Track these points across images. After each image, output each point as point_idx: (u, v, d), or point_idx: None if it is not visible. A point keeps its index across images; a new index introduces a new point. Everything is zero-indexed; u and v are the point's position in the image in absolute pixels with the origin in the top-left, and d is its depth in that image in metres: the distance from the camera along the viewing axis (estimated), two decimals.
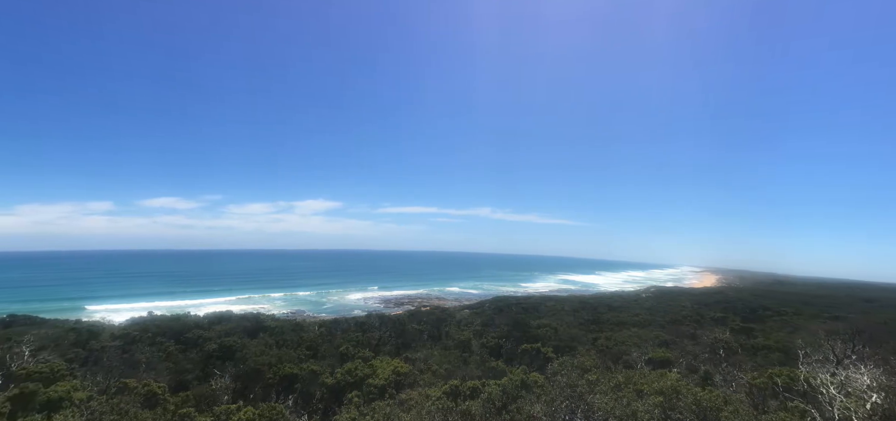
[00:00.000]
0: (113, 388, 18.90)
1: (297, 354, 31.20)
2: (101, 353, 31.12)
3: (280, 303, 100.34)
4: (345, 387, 22.27)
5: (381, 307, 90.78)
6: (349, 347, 33.57)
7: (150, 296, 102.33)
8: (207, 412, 15.78)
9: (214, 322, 46.25)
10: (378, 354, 31.99)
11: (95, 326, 42.55)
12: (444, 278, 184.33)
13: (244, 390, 22.63)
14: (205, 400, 18.68)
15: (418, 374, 25.25)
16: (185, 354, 31.77)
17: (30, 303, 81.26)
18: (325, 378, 23.16)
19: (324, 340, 38.30)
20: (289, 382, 23.31)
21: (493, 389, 18.52)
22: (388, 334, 42.66)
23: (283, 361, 27.09)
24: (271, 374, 24.08)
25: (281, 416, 15.44)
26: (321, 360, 29.79)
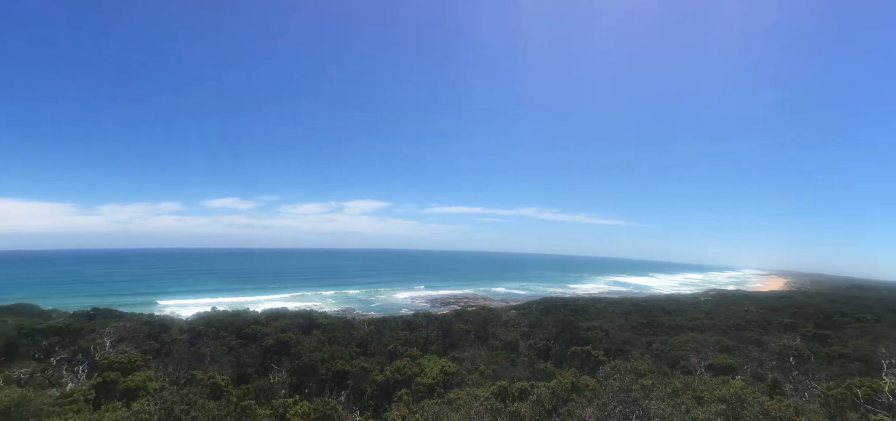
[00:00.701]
0: (182, 379, 20.28)
1: (348, 351, 32.16)
2: (172, 345, 33.44)
3: (331, 301, 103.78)
4: (394, 384, 22.70)
5: (428, 306, 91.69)
6: (397, 346, 34.17)
7: (213, 292, 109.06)
8: (266, 405, 16.56)
9: (271, 318, 48.50)
10: (425, 352, 32.33)
11: (166, 319, 45.80)
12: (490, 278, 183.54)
13: (299, 385, 23.57)
14: (264, 393, 19.64)
15: (466, 374, 25.30)
16: (245, 348, 33.54)
17: (109, 297, 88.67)
18: (375, 375, 23.69)
19: (373, 337, 39.24)
20: (341, 378, 24.04)
21: (543, 392, 18.22)
22: (435, 334, 43.04)
23: (335, 357, 28.00)
24: (324, 370, 24.93)
25: (334, 411, 15.94)
26: (371, 357, 30.51)
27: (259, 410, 15.65)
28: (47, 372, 22.58)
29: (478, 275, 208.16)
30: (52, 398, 15.58)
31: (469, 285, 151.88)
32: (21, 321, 34.72)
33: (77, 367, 24.33)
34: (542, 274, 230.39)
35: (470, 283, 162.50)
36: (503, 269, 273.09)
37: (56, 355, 26.75)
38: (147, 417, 13.10)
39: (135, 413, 13.00)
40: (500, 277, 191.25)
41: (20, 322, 34.20)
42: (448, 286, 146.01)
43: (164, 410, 14.39)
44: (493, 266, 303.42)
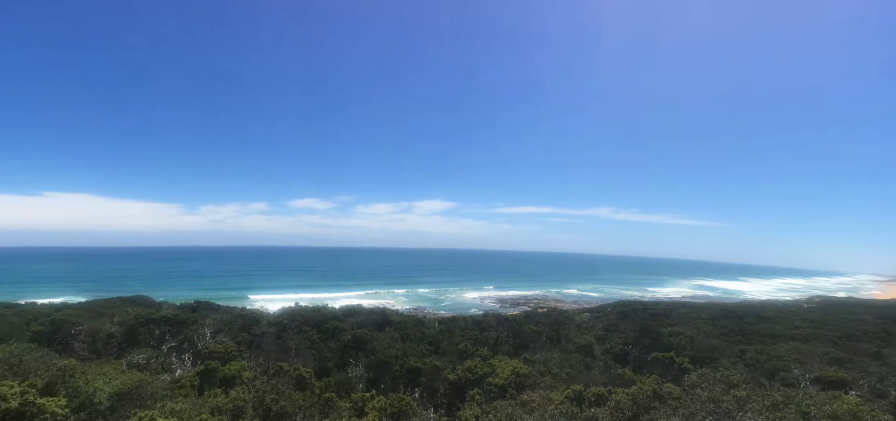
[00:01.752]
0: (271, 369, 21.88)
1: (420, 349, 32.83)
2: (261, 338, 36.22)
3: (403, 299, 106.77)
4: (466, 384, 22.84)
5: (497, 307, 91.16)
6: (468, 345, 34.34)
7: (295, 288, 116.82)
8: (346, 398, 17.40)
9: (348, 314, 50.83)
10: (496, 353, 32.17)
11: (256, 313, 49.63)
12: (561, 280, 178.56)
13: (375, 380, 24.48)
14: (343, 387, 20.65)
15: (538, 376, 24.82)
16: (326, 342, 35.43)
17: (208, 291, 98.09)
18: (447, 374, 23.99)
19: (444, 336, 39.71)
20: (414, 375, 24.62)
21: (622, 398, 17.39)
22: (506, 334, 42.64)
23: (408, 354, 28.74)
24: (398, 366, 25.69)
25: (409, 407, 16.35)
26: (442, 356, 30.91)
27: (339, 403, 16.48)
28: (160, 358, 25.44)
29: (548, 276, 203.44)
30: (164, 383, 17.54)
31: (539, 286, 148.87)
32: (139, 311, 39.42)
33: (184, 354, 27.18)
34: (617, 276, 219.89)
35: (540, 284, 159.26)
36: (575, 270, 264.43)
37: (167, 343, 30.10)
38: (242, 404, 14.31)
39: (232, 400, 14.26)
40: (571, 279, 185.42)
41: (138, 312, 38.84)
42: (517, 287, 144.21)
43: (257, 398, 15.62)
44: (563, 267, 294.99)
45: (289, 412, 14.59)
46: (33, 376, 13.80)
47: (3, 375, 14.05)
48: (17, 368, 14.76)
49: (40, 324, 32.04)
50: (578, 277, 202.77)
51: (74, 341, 29.73)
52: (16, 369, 14.63)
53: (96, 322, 33.87)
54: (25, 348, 17.90)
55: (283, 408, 14.75)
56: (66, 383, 13.97)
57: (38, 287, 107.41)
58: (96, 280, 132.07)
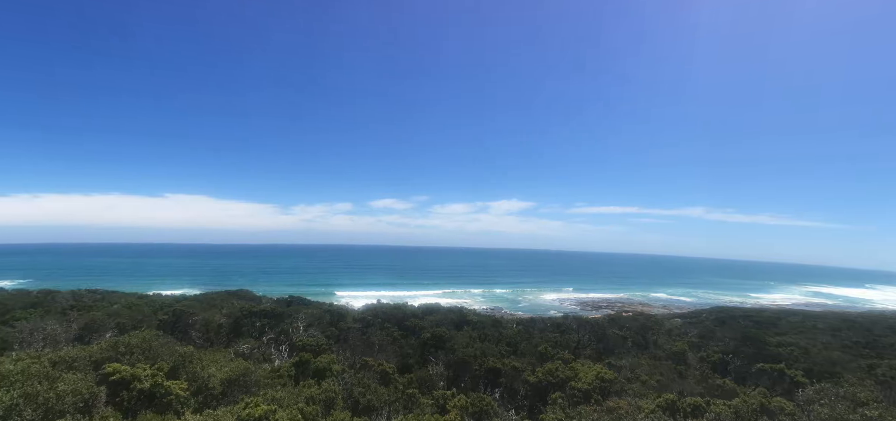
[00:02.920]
0: (357, 363, 23.01)
1: (499, 349, 32.63)
2: (347, 333, 38.24)
3: (479, 299, 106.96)
4: (547, 387, 22.27)
5: (577, 309, 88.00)
6: (548, 348, 33.51)
7: (377, 286, 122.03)
8: (428, 395, 17.77)
9: (426, 313, 51.98)
10: (577, 357, 31.05)
11: (342, 309, 52.56)
12: (647, 283, 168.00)
13: (455, 378, 24.74)
14: (425, 383, 21.11)
15: (625, 382, 23.53)
16: (406, 339, 36.53)
17: (300, 287, 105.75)
18: (527, 375, 23.59)
19: (522, 338, 39.12)
20: (493, 375, 24.53)
21: (723, 410, 15.92)
22: (588, 338, 41.02)
23: (487, 354, 28.69)
24: (477, 366, 25.74)
25: (490, 407, 16.30)
26: (521, 357, 30.47)
27: (422, 399, 16.88)
28: (261, 349, 27.86)
29: (632, 279, 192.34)
30: (265, 372, 19.13)
31: (623, 289, 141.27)
32: (243, 304, 43.56)
33: (281, 346, 29.49)
34: (711, 280, 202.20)
35: (624, 287, 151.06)
36: (663, 273, 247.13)
37: (266, 335, 32.88)
38: (333, 395, 15.19)
39: (324, 391, 15.19)
40: (659, 282, 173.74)
41: (242, 305, 42.93)
42: (599, 289, 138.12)
43: (346, 390, 16.50)
44: (650, 270, 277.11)
45: (375, 406, 15.22)
46: (161, 361, 15.78)
47: (138, 359, 16.23)
48: (148, 353, 16.97)
49: (165, 313, 36.54)
50: (667, 280, 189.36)
51: (192, 330, 33.49)
52: (147, 354, 16.83)
53: (208, 313, 37.89)
54: (154, 335, 20.52)
55: (370, 401, 15.42)
56: (186, 368, 15.79)
57: (163, 280, 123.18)
58: (208, 274, 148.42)
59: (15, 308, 36.42)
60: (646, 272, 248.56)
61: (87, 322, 29.72)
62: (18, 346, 23.58)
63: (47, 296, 45.75)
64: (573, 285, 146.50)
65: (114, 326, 29.92)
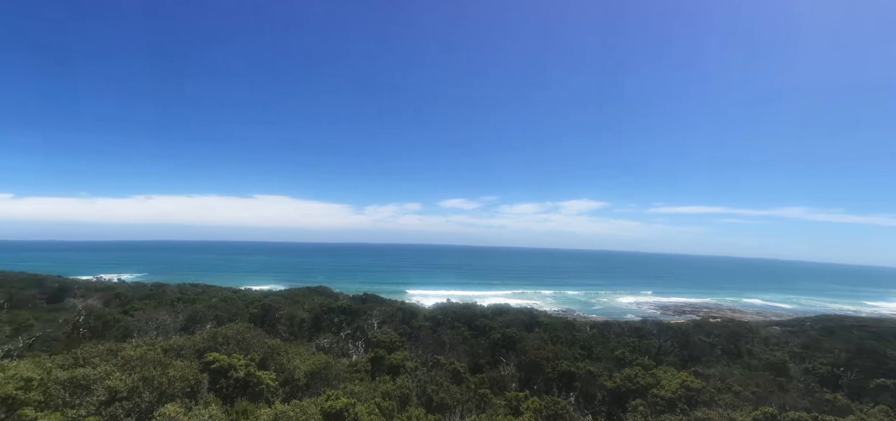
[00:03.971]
0: (429, 361, 23.38)
1: (572, 353, 31.59)
2: (419, 331, 39.04)
3: (550, 300, 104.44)
4: (626, 393, 21.17)
5: (657, 314, 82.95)
6: (625, 352, 31.89)
7: (446, 285, 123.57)
8: (500, 396, 17.61)
9: (496, 313, 51.69)
10: (659, 363, 29.21)
11: (413, 307, 53.79)
12: (737, 288, 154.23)
13: (527, 380, 24.31)
14: (497, 384, 20.98)
15: (714, 392, 21.72)
16: (477, 339, 36.55)
17: (373, 284, 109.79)
18: (603, 380, 22.61)
19: (597, 341, 37.58)
20: (567, 379, 23.78)
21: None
22: (670, 344, 38.46)
23: (560, 357, 27.87)
24: (550, 368, 25.11)
25: (565, 411, 15.81)
26: (596, 361, 29.27)
27: (494, 400, 16.76)
28: (339, 344, 29.29)
29: (719, 283, 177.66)
30: (343, 366, 20.07)
31: (709, 294, 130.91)
32: (322, 301, 46.12)
33: (357, 341, 30.81)
34: (815, 286, 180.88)
35: (709, 291, 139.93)
36: (756, 277, 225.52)
37: (344, 331, 34.51)
38: (407, 391, 15.55)
39: (399, 387, 15.60)
40: (751, 287, 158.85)
41: (322, 301, 45.47)
42: (681, 293, 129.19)
43: (419, 387, 16.81)
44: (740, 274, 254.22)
45: (448, 404, 15.35)
46: (253, 352, 17.11)
47: (233, 349, 17.74)
48: (242, 344, 18.50)
49: (255, 307, 39.67)
50: (761, 285, 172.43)
51: (278, 324, 36.02)
52: (241, 345, 18.36)
53: (292, 308, 40.55)
54: (246, 327, 22.33)
55: (443, 400, 15.58)
56: (275, 360, 16.98)
57: (252, 276, 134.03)
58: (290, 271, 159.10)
59: (134, 299, 41.46)
60: (735, 276, 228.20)
61: (190, 313, 33.05)
62: (137, 333, 26.79)
63: (159, 289, 51.63)
64: (652, 288, 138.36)
65: (212, 317, 32.98)
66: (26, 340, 22.68)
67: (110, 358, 13.60)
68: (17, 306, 35.94)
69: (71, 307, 35.44)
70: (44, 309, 35.15)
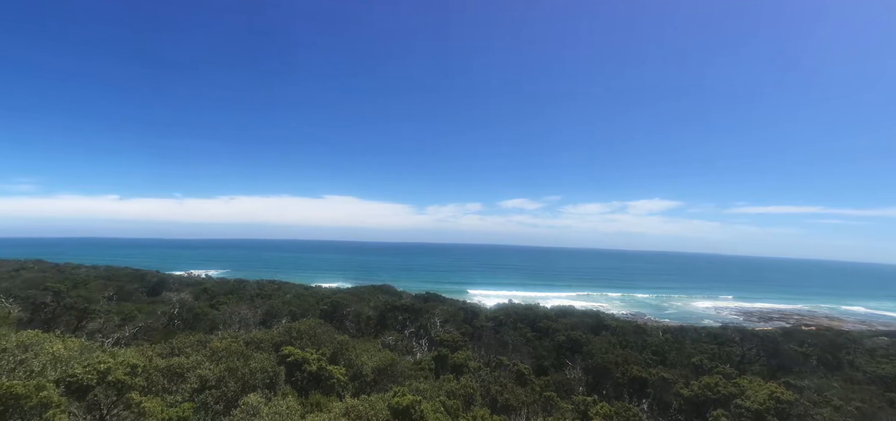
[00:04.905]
0: (493, 362, 23.25)
1: (643, 358, 30.02)
2: (481, 330, 38.97)
3: (618, 303, 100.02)
4: (705, 402, 19.75)
5: (739, 320, 76.70)
6: (703, 359, 29.79)
7: (508, 285, 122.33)
8: (566, 399, 17.09)
9: (560, 315, 50.34)
10: (743, 372, 26.98)
11: (475, 307, 53.77)
12: (835, 294, 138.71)
13: (595, 385, 23.44)
14: (563, 387, 20.41)
15: (810, 406, 19.68)
16: (540, 341, 35.82)
17: (435, 284, 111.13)
18: (679, 388, 21.24)
19: (671, 347, 35.43)
20: (638, 384, 22.62)
21: None
22: (755, 352, 35.39)
23: (629, 362, 26.57)
24: (619, 373, 24.01)
25: (637, 418, 15.02)
26: (671, 368, 27.59)
27: (561, 403, 16.30)
28: (403, 341, 29.94)
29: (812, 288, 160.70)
30: (408, 364, 20.46)
31: (800, 299, 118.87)
32: (386, 299, 47.45)
33: (421, 339, 31.34)
34: None
35: (802, 296, 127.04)
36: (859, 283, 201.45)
37: (407, 328, 35.24)
38: (472, 390, 15.54)
39: (463, 386, 15.63)
40: (853, 293, 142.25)
41: (386, 299, 46.77)
42: (767, 298, 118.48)
43: (483, 387, 16.75)
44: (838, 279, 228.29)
45: (513, 406, 15.15)
46: (324, 347, 17.95)
47: (306, 343, 18.72)
48: (314, 339, 19.47)
49: (324, 304, 41.64)
50: (865, 291, 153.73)
51: (346, 320, 37.56)
52: (313, 339, 19.32)
53: (358, 305, 42.11)
54: (317, 323, 23.49)
55: (508, 401, 15.41)
56: (344, 355, 17.69)
57: (322, 273, 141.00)
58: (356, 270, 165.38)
59: (219, 294, 45.09)
60: (832, 281, 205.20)
61: (268, 308, 35.35)
62: (222, 326, 29.10)
63: (240, 285, 55.77)
64: (732, 293, 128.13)
65: (287, 313, 35.04)
66: (131, 330, 25.40)
67: (200, 349, 14.86)
68: (123, 298, 40.45)
69: (167, 300, 39.23)
70: (145, 301, 39.23)
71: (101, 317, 26.82)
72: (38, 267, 63.58)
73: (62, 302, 31.39)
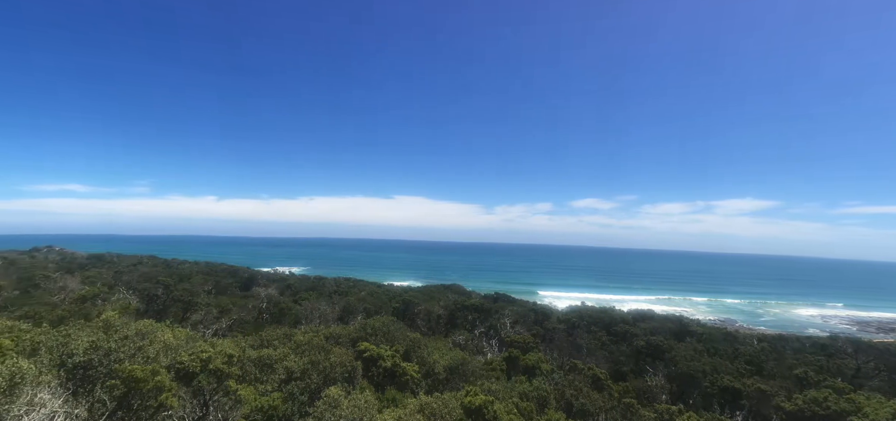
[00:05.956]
0: (566, 365, 22.54)
1: (736, 367, 27.52)
2: (552, 333, 37.96)
3: (704, 308, 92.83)
4: (812, 418, 17.67)
5: (852, 330, 67.93)
6: (809, 372, 26.67)
7: (580, 287, 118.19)
8: (648, 407, 16.11)
9: (638, 319, 47.72)
10: (858, 388, 23.80)
11: (546, 309, 52.55)
12: None
13: (680, 393, 21.90)
14: (644, 394, 19.28)
15: None
16: (617, 345, 34.17)
17: (503, 284, 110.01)
18: (779, 401, 19.19)
19: (768, 356, 32.17)
20: (731, 395, 20.77)
21: None
22: (873, 366, 31.09)
23: (719, 371, 24.51)
24: (708, 383, 22.22)
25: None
26: (769, 379, 25.04)
27: (642, 411, 15.39)
28: (473, 341, 29.98)
29: None
30: (479, 363, 20.43)
31: None
32: (456, 298, 47.82)
33: (491, 340, 31.20)
34: None
35: None
36: None
37: (477, 328, 35.24)
38: (545, 393, 15.15)
39: (536, 388, 15.29)
40: None
41: (455, 299, 47.15)
42: (886, 307, 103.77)
43: (557, 390, 16.27)
44: None
45: (590, 411, 14.57)
46: (397, 344, 18.46)
47: (380, 340, 19.37)
48: (388, 336, 20.09)
49: (397, 302, 42.90)
50: None
51: (417, 318, 38.36)
52: (387, 336, 19.95)
53: (429, 304, 42.84)
54: (390, 320, 24.23)
55: (584, 405, 14.84)
56: (416, 352, 18.06)
57: (393, 272, 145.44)
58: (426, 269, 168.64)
59: (301, 290, 48.13)
60: None
61: (344, 305, 37.11)
62: (304, 320, 31.01)
63: (319, 282, 59.14)
64: (842, 300, 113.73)
65: (362, 309, 36.54)
66: (227, 322, 27.87)
67: (286, 341, 15.92)
68: (220, 292, 44.53)
69: (256, 295, 42.58)
70: (238, 296, 42.88)
71: (202, 309, 29.73)
72: (150, 262, 72.05)
73: (171, 295, 35.24)
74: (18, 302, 29.73)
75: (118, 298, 31.48)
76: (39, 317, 21.75)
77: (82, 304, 28.38)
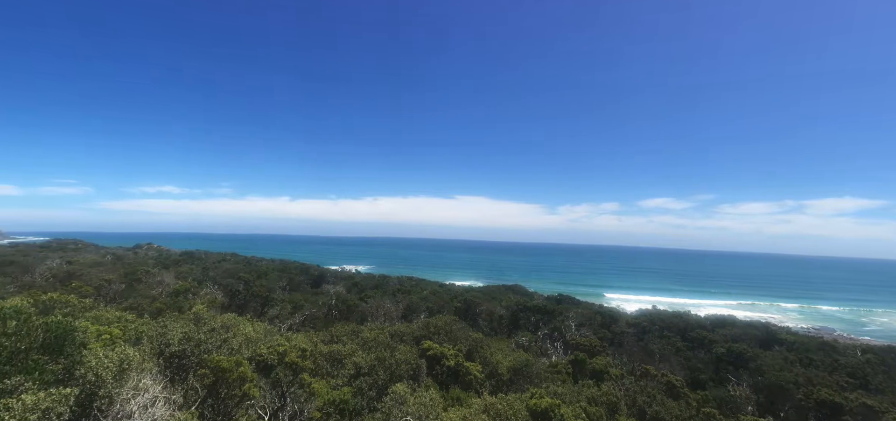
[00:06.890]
0: (637, 371, 21.43)
1: (834, 380, 24.75)
2: (621, 337, 36.32)
3: (794, 315, 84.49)
4: None
5: None
6: None
7: (650, 290, 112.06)
8: (731, 418, 14.92)
9: (717, 325, 44.40)
10: None
11: (614, 311, 50.38)
12: None
13: (769, 406, 20.06)
14: (726, 405, 17.87)
15: None
16: (693, 352, 32.00)
17: (568, 285, 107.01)
18: (890, 419, 16.99)
19: (875, 370, 28.59)
20: (830, 410, 18.68)
21: None
22: None
23: (815, 383, 22.14)
24: (802, 395, 20.14)
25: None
26: (876, 394, 22.27)
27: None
28: (536, 343, 29.39)
29: None
30: (544, 366, 19.99)
31: None
32: (518, 299, 47.20)
33: (555, 342, 30.42)
34: None
35: None
36: None
37: (541, 330, 34.54)
38: (615, 399, 14.50)
39: (605, 393, 14.68)
40: None
41: (517, 299, 46.55)
42: None
43: (628, 396, 15.51)
44: None
45: (665, 419, 13.73)
46: (459, 343, 18.52)
47: (443, 339, 19.54)
48: (450, 335, 20.22)
49: (458, 302, 43.12)
50: None
51: (478, 318, 38.34)
52: (449, 336, 20.09)
53: (490, 304, 42.65)
54: (453, 320, 24.37)
55: (658, 413, 14.02)
56: (479, 352, 18.01)
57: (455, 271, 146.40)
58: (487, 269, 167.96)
59: (367, 288, 49.86)
60: None
61: (408, 303, 37.89)
62: (370, 318, 32.07)
63: (383, 280, 60.94)
64: None
65: (425, 308, 37.11)
66: (300, 318, 29.49)
67: (354, 338, 16.53)
68: (293, 288, 47.25)
69: (325, 292, 44.69)
70: (310, 292, 45.25)
71: (278, 305, 31.70)
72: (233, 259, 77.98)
73: (250, 290, 37.92)
74: (124, 294, 33.41)
75: (206, 293, 34.38)
76: (141, 308, 24.30)
77: (176, 297, 31.32)
